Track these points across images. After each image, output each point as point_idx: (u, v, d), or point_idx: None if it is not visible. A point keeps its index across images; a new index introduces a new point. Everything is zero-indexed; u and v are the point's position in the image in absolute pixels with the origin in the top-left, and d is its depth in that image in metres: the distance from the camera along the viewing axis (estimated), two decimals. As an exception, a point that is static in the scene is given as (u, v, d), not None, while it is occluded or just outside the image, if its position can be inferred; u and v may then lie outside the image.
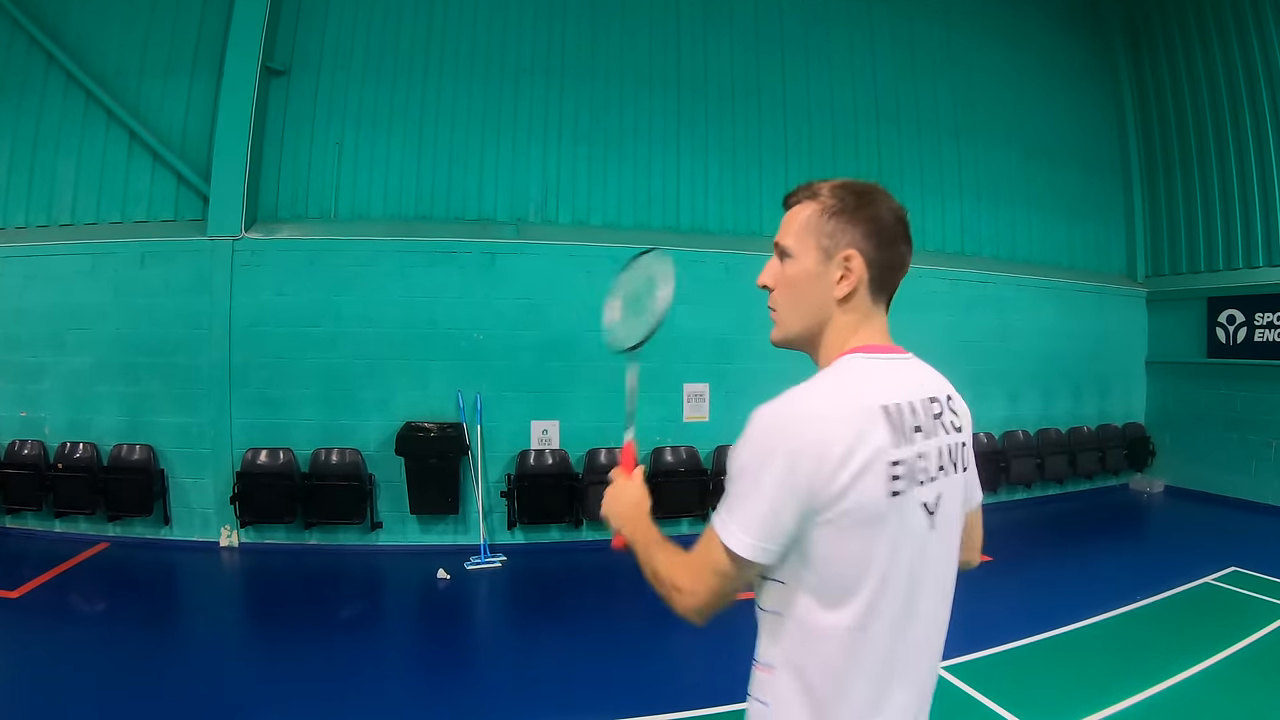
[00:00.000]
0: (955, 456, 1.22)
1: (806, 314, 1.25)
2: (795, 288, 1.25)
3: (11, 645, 4.36)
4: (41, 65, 7.03)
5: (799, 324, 1.26)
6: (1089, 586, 5.58)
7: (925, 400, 1.19)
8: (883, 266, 1.24)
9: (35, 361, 6.67)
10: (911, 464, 1.12)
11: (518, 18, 7.47)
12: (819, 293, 1.23)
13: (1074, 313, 9.19)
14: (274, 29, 6.93)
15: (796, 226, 1.25)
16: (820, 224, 1.23)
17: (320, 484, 6.39)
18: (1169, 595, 5.32)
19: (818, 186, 1.27)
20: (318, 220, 6.97)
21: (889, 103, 8.57)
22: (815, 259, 1.23)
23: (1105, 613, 4.93)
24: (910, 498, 1.11)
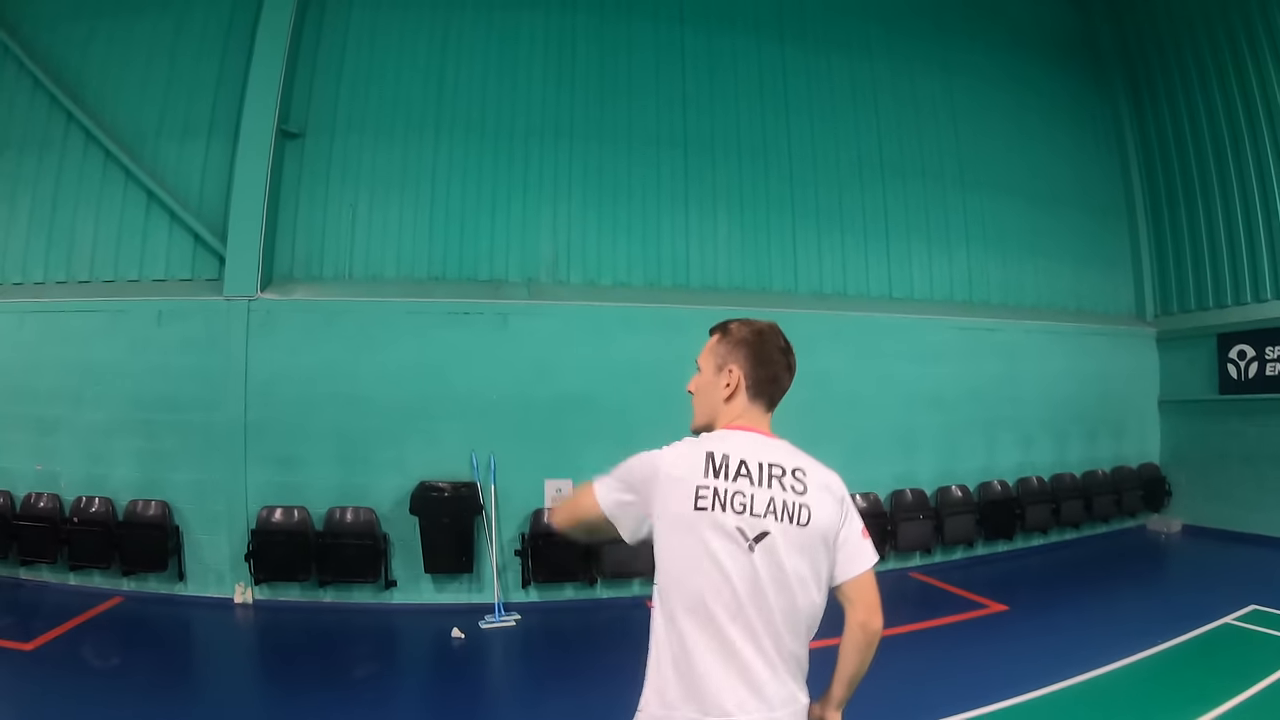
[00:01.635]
0: (791, 511, 1.53)
1: (707, 409, 1.73)
2: (700, 392, 1.75)
3: (25, 698, 4.36)
4: (62, 124, 7.18)
5: (702, 417, 1.74)
6: (1108, 631, 5.50)
7: (763, 462, 1.57)
8: (758, 379, 1.67)
9: (52, 415, 6.73)
10: (719, 492, 1.52)
11: (527, 81, 7.62)
12: (713, 395, 1.71)
13: (1084, 356, 9.19)
14: (289, 93, 7.08)
15: (706, 350, 1.77)
16: (718, 348, 1.74)
17: (335, 542, 6.41)
18: (1189, 638, 5.24)
19: (728, 323, 1.77)
20: (332, 281, 7.05)
21: (893, 155, 8.66)
22: (712, 371, 1.73)
23: (1126, 658, 4.86)
24: (716, 516, 1.50)
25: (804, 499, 1.55)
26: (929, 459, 8.00)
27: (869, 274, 8.39)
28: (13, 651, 5.00)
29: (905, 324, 8.14)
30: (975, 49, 9.36)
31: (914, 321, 8.21)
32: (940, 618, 6.05)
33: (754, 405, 1.67)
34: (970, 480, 8.15)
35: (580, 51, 7.83)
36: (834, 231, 8.24)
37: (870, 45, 8.83)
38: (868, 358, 7.76)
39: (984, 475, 8.27)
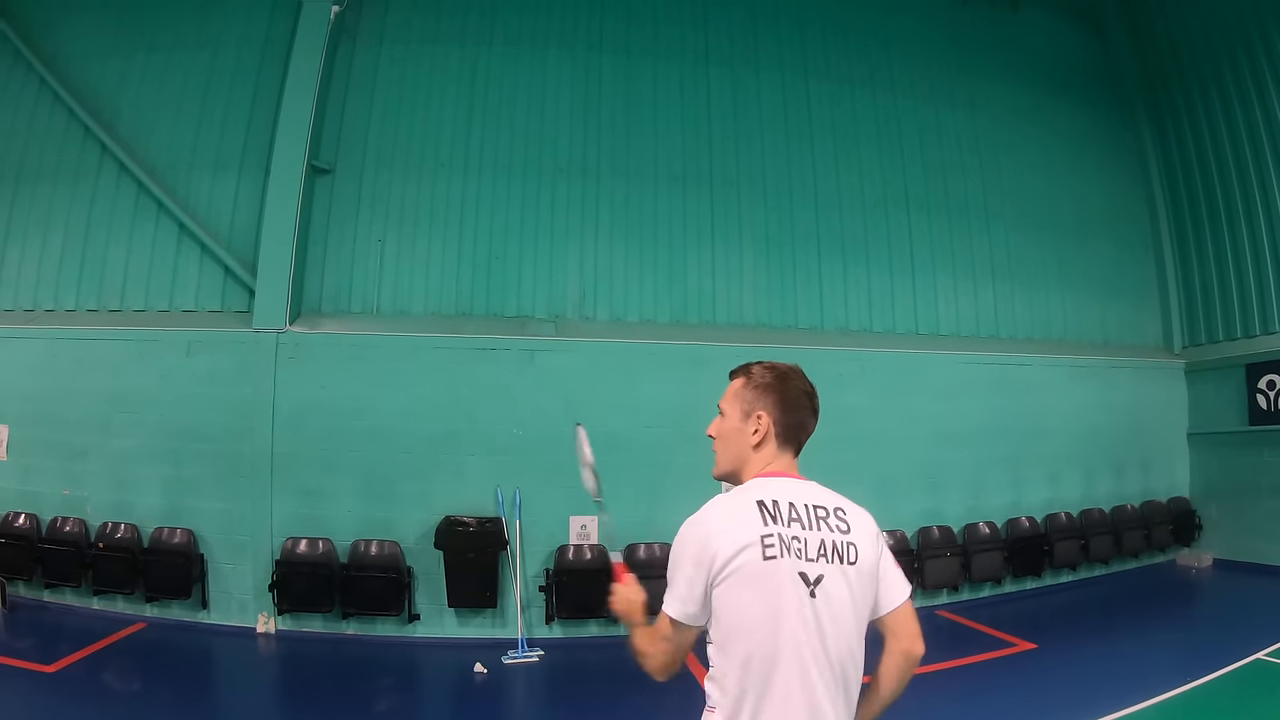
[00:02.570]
0: (841, 551, 1.54)
1: (734, 456, 1.69)
2: (725, 438, 1.71)
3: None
4: (96, 155, 7.33)
5: (728, 464, 1.71)
6: (1139, 669, 5.42)
7: (808, 504, 1.57)
8: (786, 425, 1.66)
9: (81, 442, 6.80)
10: (783, 538, 1.50)
11: (554, 119, 7.70)
12: (740, 441, 1.67)
13: (1112, 389, 9.07)
14: (319, 129, 7.20)
15: (729, 394, 1.72)
16: (743, 393, 1.69)
17: (359, 574, 6.41)
18: (1221, 674, 5.13)
19: (746, 366, 1.75)
20: (360, 315, 7.12)
21: (918, 190, 8.65)
22: (738, 417, 1.68)
23: (1156, 696, 4.77)
24: (786, 563, 1.48)
25: (849, 537, 1.56)
26: (956, 495, 7.91)
27: (895, 309, 8.35)
28: (35, 673, 5.03)
29: (931, 360, 8.09)
30: (998, 81, 9.38)
31: (940, 357, 8.15)
32: (968, 656, 5.98)
33: (783, 451, 1.65)
34: (998, 517, 8.04)
35: (606, 89, 7.92)
36: (860, 267, 8.23)
37: (894, 79, 8.87)
38: (894, 394, 7.72)
39: (1012, 511, 8.15)
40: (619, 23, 8.18)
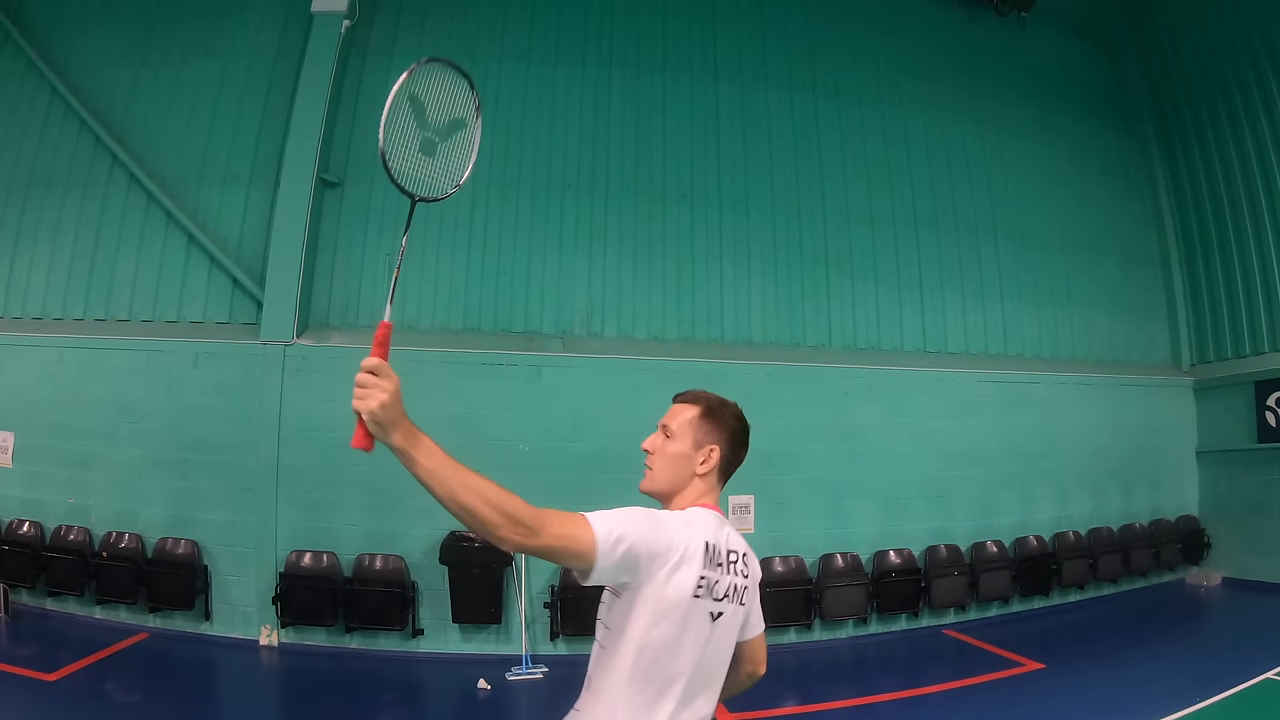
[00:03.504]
0: (739, 593, 1.71)
1: (675, 479, 1.76)
2: (671, 460, 1.76)
3: None
4: (106, 166, 7.35)
5: (666, 484, 1.77)
6: (1148, 689, 5.37)
7: (730, 550, 1.70)
8: (729, 462, 1.79)
9: (86, 451, 6.80)
10: (711, 582, 1.62)
11: (563, 135, 7.73)
12: (685, 468, 1.75)
13: (1121, 407, 9.04)
14: (329, 142, 7.23)
15: (683, 421, 1.78)
16: (699, 424, 1.77)
17: (363, 589, 6.39)
18: (1231, 694, 5.09)
19: (700, 395, 1.82)
20: (368, 329, 7.05)
21: (926, 206, 8.66)
22: (690, 445, 1.75)
23: (1166, 716, 4.72)
24: (705, 604, 1.61)
25: (746, 581, 1.74)
26: (964, 514, 7.87)
27: (903, 327, 8.34)
28: (36, 681, 5.02)
29: (939, 378, 8.07)
30: (1006, 98, 9.39)
31: (948, 375, 8.14)
32: (975, 676, 5.94)
33: (718, 485, 1.80)
34: (1005, 535, 7.99)
35: (616, 106, 7.95)
36: (868, 284, 8.22)
37: (902, 97, 8.89)
38: (902, 412, 7.69)
39: (1019, 530, 8.10)
40: (628, 40, 8.21)
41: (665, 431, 1.78)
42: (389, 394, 1.41)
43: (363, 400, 1.40)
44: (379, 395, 1.40)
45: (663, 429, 1.80)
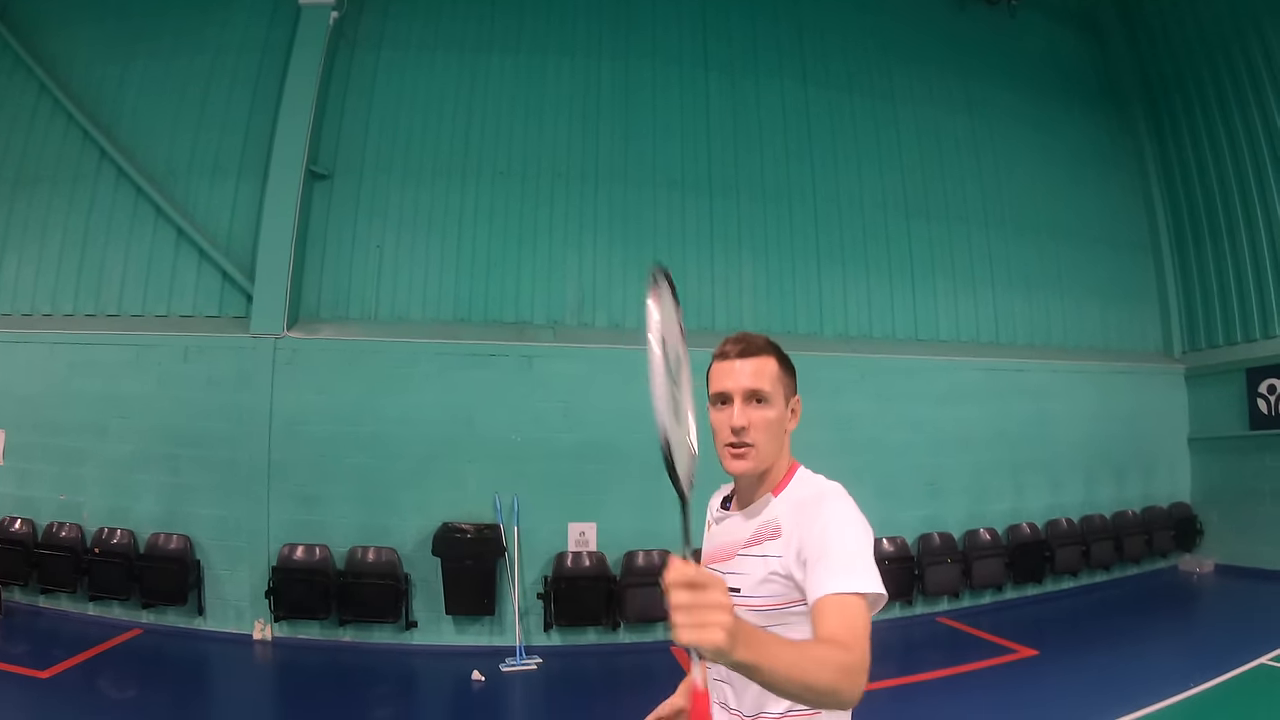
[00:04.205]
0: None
1: (776, 447, 1.54)
2: (774, 428, 1.52)
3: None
4: (94, 160, 7.31)
5: (771, 456, 1.54)
6: (1141, 675, 5.38)
7: None
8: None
9: (77, 447, 6.77)
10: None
11: (553, 125, 7.70)
12: (781, 432, 1.55)
13: (1113, 395, 9.05)
14: (318, 134, 7.19)
15: (769, 376, 1.53)
16: (782, 376, 1.56)
17: (356, 582, 6.37)
18: (1225, 679, 5.11)
19: (763, 341, 1.57)
20: (358, 321, 7.10)
21: (918, 196, 8.65)
22: (782, 404, 1.54)
23: (1160, 702, 4.73)
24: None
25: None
26: (956, 502, 7.87)
27: (894, 315, 8.33)
28: (29, 678, 5.00)
29: (931, 365, 8.07)
30: (997, 86, 9.38)
31: (940, 363, 8.13)
32: (969, 663, 5.94)
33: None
34: (999, 523, 8.01)
35: (605, 96, 7.92)
36: (859, 273, 8.21)
37: (893, 86, 8.87)
38: (894, 400, 7.69)
39: (1012, 518, 8.12)
40: (618, 29, 8.18)
41: (756, 397, 1.50)
42: (727, 609, 0.97)
43: (699, 630, 0.95)
44: (719, 616, 0.96)
45: (748, 396, 1.50)
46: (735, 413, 1.48)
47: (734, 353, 1.53)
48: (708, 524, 1.68)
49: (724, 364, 1.54)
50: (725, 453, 1.51)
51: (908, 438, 7.67)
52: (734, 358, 1.53)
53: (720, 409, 1.52)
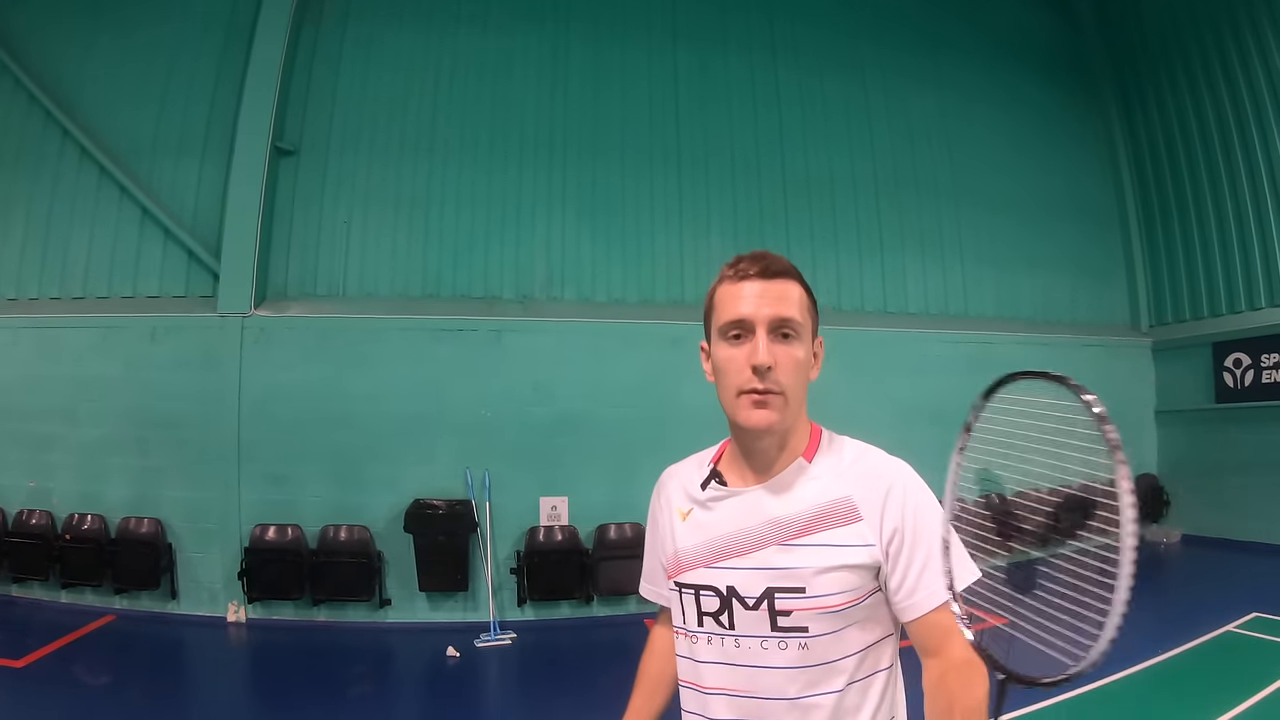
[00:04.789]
0: None
1: (802, 398, 1.25)
2: (802, 370, 1.23)
3: (15, 716, 4.33)
4: (57, 140, 7.17)
5: (799, 409, 1.25)
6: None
7: None
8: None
9: (46, 432, 6.70)
10: None
11: (521, 99, 7.64)
12: (806, 377, 1.24)
13: (1080, 367, 9.04)
14: (283, 110, 7.10)
15: (798, 304, 1.22)
16: (811, 308, 1.26)
17: (328, 560, 6.37)
18: (1192, 646, 5.22)
19: (789, 263, 1.26)
20: (326, 298, 7.05)
21: (887, 170, 8.69)
22: (809, 343, 1.25)
23: (1128, 668, 4.80)
24: None
25: None
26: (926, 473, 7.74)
27: (864, 288, 8.40)
28: (3, 669, 4.96)
29: (901, 338, 8.15)
30: (967, 65, 9.42)
31: (910, 335, 8.22)
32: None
33: None
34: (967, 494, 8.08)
35: (574, 70, 7.87)
36: (829, 246, 8.25)
37: (862, 61, 8.88)
38: (863, 372, 7.73)
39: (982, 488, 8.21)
40: (586, 2, 8.10)
41: (784, 330, 1.20)
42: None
43: None
44: None
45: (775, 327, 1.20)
46: (760, 347, 1.18)
47: (754, 271, 1.22)
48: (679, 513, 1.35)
49: (740, 285, 1.22)
50: (742, 402, 1.20)
51: (877, 409, 7.68)
52: (756, 278, 1.21)
53: (734, 343, 1.21)
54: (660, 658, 1.51)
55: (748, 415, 1.19)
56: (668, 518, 1.38)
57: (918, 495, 1.23)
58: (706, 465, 1.36)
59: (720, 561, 1.25)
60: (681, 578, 1.29)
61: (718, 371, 1.24)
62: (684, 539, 1.31)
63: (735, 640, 1.22)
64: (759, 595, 1.20)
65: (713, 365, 1.27)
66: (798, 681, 1.18)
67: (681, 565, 1.30)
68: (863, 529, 1.19)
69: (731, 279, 1.24)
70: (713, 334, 1.26)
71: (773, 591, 1.19)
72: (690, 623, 1.28)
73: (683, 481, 1.38)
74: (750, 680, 1.21)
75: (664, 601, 1.47)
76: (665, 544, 1.37)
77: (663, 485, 1.44)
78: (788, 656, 1.19)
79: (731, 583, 1.23)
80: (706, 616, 1.25)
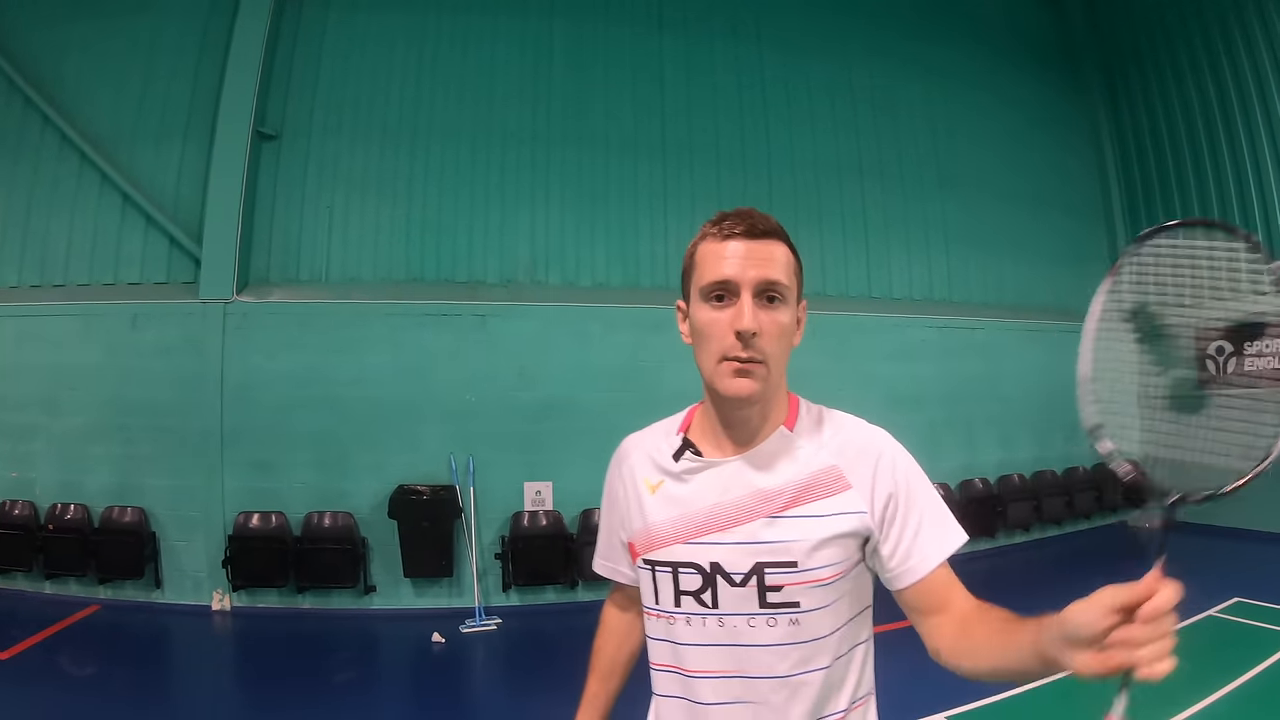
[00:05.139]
0: None
1: (785, 365, 1.20)
2: (787, 335, 1.17)
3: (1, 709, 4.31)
4: (37, 127, 7.09)
5: (781, 375, 1.20)
6: None
7: None
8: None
9: (27, 422, 6.65)
10: None
11: (505, 84, 7.60)
12: (790, 342, 1.20)
13: (1064, 353, 9.03)
14: (265, 95, 7.04)
15: (785, 267, 1.16)
16: (796, 270, 1.20)
17: (313, 547, 6.35)
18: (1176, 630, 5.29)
19: (775, 222, 1.20)
20: (309, 283, 7.00)
21: (872, 157, 8.69)
22: (794, 306, 1.19)
23: None
24: None
25: None
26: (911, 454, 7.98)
27: (848, 273, 8.41)
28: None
29: (885, 323, 8.18)
30: (953, 52, 9.42)
31: (894, 320, 8.25)
32: (922, 616, 6.05)
33: None
34: (951, 479, 8.16)
35: (558, 55, 7.82)
36: (812, 231, 8.22)
37: (848, 48, 8.86)
38: (847, 357, 7.76)
39: (965, 473, 8.29)
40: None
41: (769, 293, 1.15)
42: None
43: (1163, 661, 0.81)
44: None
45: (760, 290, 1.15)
46: (745, 312, 1.12)
47: (740, 230, 1.17)
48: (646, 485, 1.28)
49: (724, 244, 1.17)
50: (723, 369, 1.14)
51: (861, 394, 7.69)
52: (741, 237, 1.16)
53: (717, 305, 1.15)
54: (614, 638, 1.48)
55: (729, 384, 1.14)
56: (632, 490, 1.30)
57: (906, 461, 1.21)
58: (676, 435, 1.29)
59: (701, 536, 1.19)
60: (654, 554, 1.22)
61: (697, 335, 1.18)
62: (655, 513, 1.24)
63: (719, 620, 1.17)
64: (747, 571, 1.15)
65: (691, 327, 1.21)
66: (789, 659, 1.15)
67: (653, 541, 1.23)
68: (852, 497, 1.16)
69: (715, 236, 1.18)
70: (692, 294, 1.20)
71: (762, 567, 1.15)
72: (666, 603, 1.22)
73: (649, 452, 1.31)
74: (738, 661, 1.17)
75: (620, 579, 1.42)
76: (629, 519, 1.30)
77: (624, 456, 1.37)
78: (777, 634, 1.15)
79: (716, 559, 1.17)
80: (686, 595, 1.19)
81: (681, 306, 1.26)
